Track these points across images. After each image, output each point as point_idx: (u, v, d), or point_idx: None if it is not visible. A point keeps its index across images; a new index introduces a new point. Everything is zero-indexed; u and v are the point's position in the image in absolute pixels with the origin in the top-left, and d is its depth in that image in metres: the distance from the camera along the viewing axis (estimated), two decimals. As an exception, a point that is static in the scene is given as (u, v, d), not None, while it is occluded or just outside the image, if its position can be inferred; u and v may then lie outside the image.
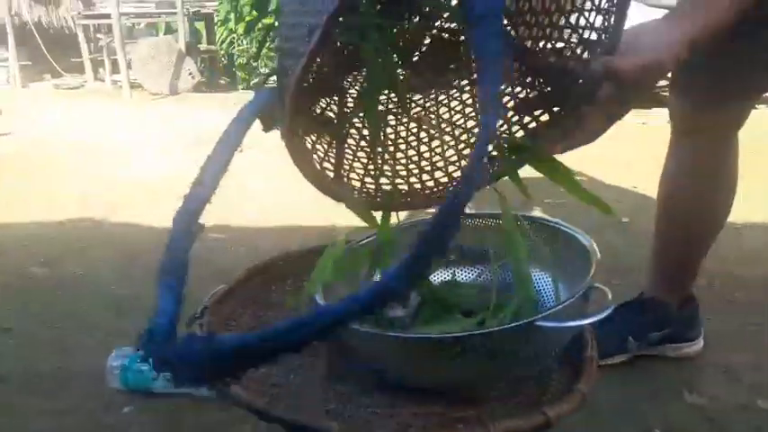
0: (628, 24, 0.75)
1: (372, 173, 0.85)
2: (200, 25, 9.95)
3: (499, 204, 0.75)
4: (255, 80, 10.28)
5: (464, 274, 0.94)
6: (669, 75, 1.41)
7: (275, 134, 0.75)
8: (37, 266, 2.18)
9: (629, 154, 3.98)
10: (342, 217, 0.92)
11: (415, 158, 0.89)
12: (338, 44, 0.80)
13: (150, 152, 4.23)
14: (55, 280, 2.09)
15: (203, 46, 9.43)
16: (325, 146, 0.84)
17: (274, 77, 0.73)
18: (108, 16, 7.68)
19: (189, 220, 0.64)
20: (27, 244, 2.42)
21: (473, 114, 0.88)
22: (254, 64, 11.16)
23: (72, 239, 2.47)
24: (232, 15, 9.69)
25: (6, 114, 5.05)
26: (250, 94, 0.81)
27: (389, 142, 0.87)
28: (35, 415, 1.37)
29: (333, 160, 0.84)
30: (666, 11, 0.89)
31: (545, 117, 0.80)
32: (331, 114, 0.85)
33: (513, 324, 0.65)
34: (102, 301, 1.92)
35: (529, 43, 0.81)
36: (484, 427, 0.62)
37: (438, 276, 0.94)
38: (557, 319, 0.65)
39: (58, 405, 1.40)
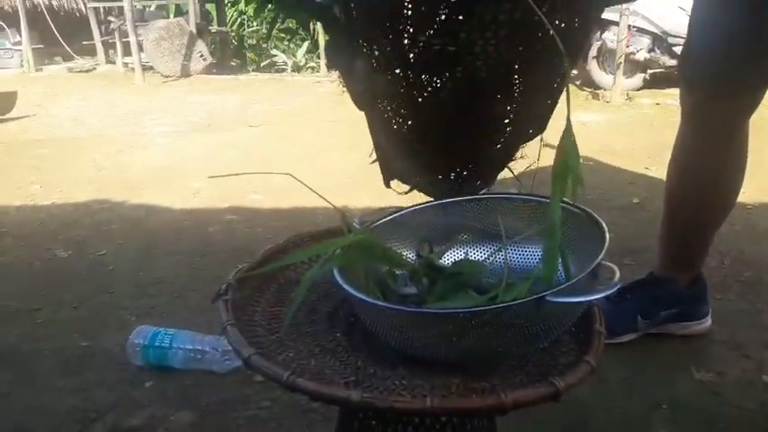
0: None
1: None
2: (210, 6, 9.95)
3: (552, 186, 0.76)
4: (265, 62, 10.31)
5: (477, 254, 0.97)
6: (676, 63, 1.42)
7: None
8: (61, 248, 2.24)
9: (643, 136, 3.98)
10: (350, 199, 0.95)
11: None
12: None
13: (163, 135, 4.28)
14: (79, 261, 2.14)
15: (214, 27, 9.42)
16: None
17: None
18: (119, -1, 7.71)
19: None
20: (50, 226, 2.49)
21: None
22: (264, 45, 11.17)
23: (93, 222, 2.53)
24: (242, -4, 9.68)
25: (23, 97, 5.10)
26: (260, 76, 0.84)
27: None
28: (64, 392, 1.42)
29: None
30: None
31: None
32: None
33: (524, 298, 0.68)
34: (125, 282, 1.97)
35: None
36: (497, 396, 0.66)
37: (451, 255, 0.97)
38: (566, 294, 0.68)
39: (84, 382, 1.45)
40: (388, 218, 0.97)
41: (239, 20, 11.03)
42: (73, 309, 1.80)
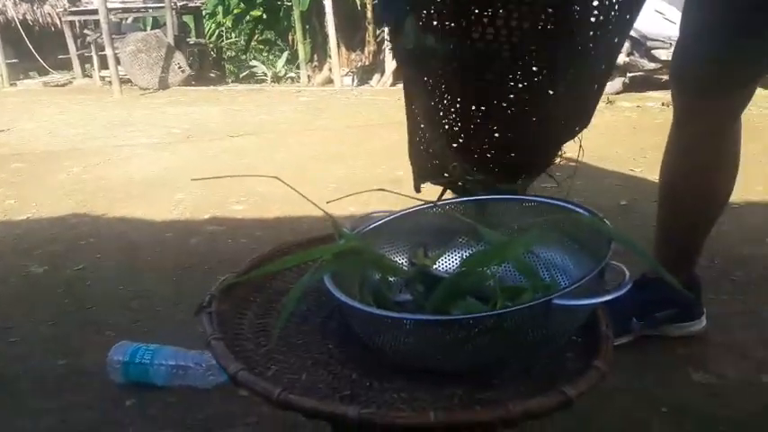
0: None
1: None
2: (188, 19, 9.89)
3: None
4: (244, 73, 10.26)
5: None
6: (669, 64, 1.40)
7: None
8: (36, 264, 2.16)
9: (626, 138, 3.98)
10: (336, 208, 0.91)
11: None
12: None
13: (143, 147, 4.21)
14: (56, 278, 2.06)
15: (192, 39, 9.36)
16: None
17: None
18: (95, 12, 7.61)
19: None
20: (25, 242, 2.40)
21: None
22: (243, 57, 11.13)
23: (71, 236, 2.45)
24: (220, 8, 9.64)
25: (-2, 113, 5.01)
26: (239, 87, 0.81)
27: None
28: (41, 413, 1.35)
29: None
30: None
31: None
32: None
33: (530, 302, 0.65)
34: (104, 297, 1.90)
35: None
36: (504, 408, 0.62)
37: (446, 260, 0.93)
38: (573, 297, 0.64)
39: (63, 402, 1.39)
40: (380, 222, 0.93)
41: (217, 32, 10.99)
42: (50, 326, 1.73)
